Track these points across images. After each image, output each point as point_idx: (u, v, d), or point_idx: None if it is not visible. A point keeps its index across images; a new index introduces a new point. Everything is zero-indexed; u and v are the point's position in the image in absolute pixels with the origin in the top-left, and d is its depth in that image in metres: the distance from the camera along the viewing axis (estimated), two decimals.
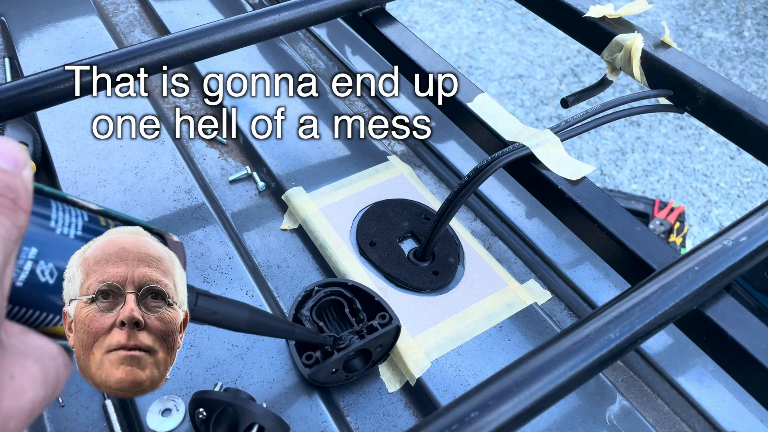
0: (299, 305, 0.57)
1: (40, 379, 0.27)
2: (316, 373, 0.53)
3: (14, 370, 0.26)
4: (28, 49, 0.91)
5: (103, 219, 0.34)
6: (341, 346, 0.53)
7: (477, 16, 3.18)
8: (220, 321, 0.40)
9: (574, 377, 0.40)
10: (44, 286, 0.29)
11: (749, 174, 2.43)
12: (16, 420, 0.26)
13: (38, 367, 0.28)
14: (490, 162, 0.58)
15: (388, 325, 0.55)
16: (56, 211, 0.31)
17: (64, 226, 0.31)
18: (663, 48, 0.68)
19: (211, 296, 0.39)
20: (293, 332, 0.47)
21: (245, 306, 0.41)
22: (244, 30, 0.68)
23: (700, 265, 0.46)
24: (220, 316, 0.39)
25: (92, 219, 0.33)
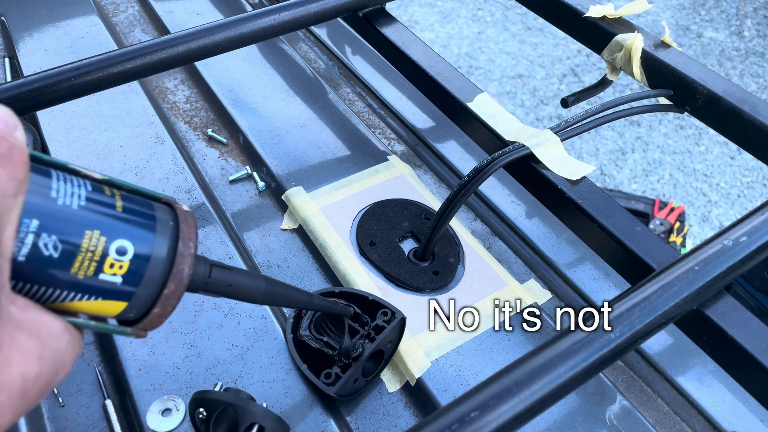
0: (294, 327, 0.57)
1: (34, 354, 0.26)
2: (341, 389, 0.53)
3: (2, 340, 0.25)
4: (28, 49, 0.91)
5: (107, 189, 0.32)
6: (356, 354, 0.53)
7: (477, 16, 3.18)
8: (235, 293, 0.38)
9: (574, 377, 0.40)
10: (48, 260, 0.28)
11: (749, 174, 2.43)
12: (4, 394, 0.25)
13: (33, 342, 0.27)
14: (490, 162, 0.58)
15: (393, 321, 0.55)
16: (57, 180, 0.29)
17: (66, 196, 0.29)
18: (663, 48, 0.68)
19: (226, 267, 0.38)
20: (311, 302, 0.46)
21: (261, 277, 0.40)
22: (244, 30, 0.68)
23: (700, 265, 0.46)
24: (235, 287, 0.38)
25: (96, 188, 0.31)
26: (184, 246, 0.33)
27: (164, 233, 0.33)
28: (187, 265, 0.33)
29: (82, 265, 0.29)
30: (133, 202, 0.33)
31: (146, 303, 0.33)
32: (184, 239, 0.33)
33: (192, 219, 0.35)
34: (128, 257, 0.31)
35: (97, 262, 0.30)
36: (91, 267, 0.29)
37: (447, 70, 0.72)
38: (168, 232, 0.33)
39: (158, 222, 0.33)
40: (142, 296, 0.32)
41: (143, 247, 0.32)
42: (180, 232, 0.34)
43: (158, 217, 0.33)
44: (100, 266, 0.30)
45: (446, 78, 0.71)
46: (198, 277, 0.36)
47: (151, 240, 0.32)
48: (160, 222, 0.33)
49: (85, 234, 0.29)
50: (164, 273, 0.32)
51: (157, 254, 0.32)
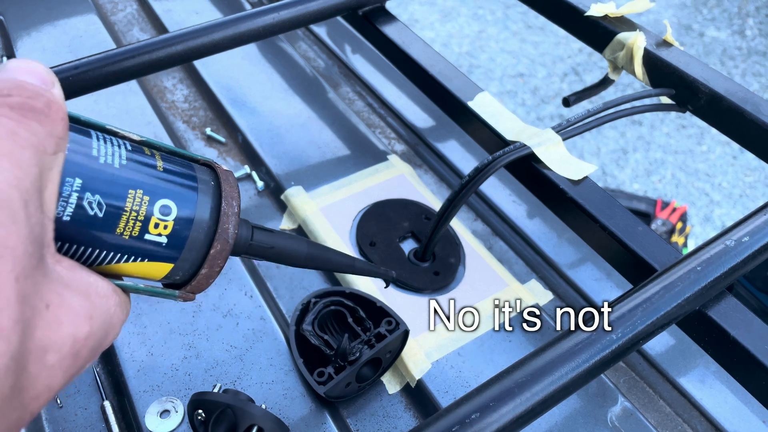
0: (299, 320, 0.57)
1: (83, 314, 0.26)
2: (331, 390, 0.52)
3: (51, 299, 0.24)
4: (26, 48, 0.91)
5: (147, 149, 0.32)
6: (352, 358, 0.52)
7: (478, 15, 3.18)
8: (277, 255, 0.37)
9: (575, 378, 0.40)
10: (93, 220, 0.27)
11: (752, 173, 2.43)
12: (55, 354, 0.24)
13: (81, 302, 0.26)
14: (490, 161, 0.58)
15: (395, 331, 0.54)
16: (96, 140, 0.29)
17: (107, 155, 0.29)
18: (665, 47, 0.68)
19: (267, 230, 0.37)
20: (353, 266, 0.43)
21: (303, 239, 0.39)
22: (243, 29, 0.68)
23: (703, 266, 0.46)
24: (277, 250, 0.37)
25: (136, 148, 0.31)
26: (227, 205, 0.33)
27: (206, 192, 0.32)
28: (232, 224, 0.33)
29: (128, 225, 0.29)
30: (173, 163, 0.32)
31: (192, 264, 0.32)
32: (227, 198, 0.33)
33: (233, 178, 0.34)
34: (172, 217, 0.30)
35: (142, 221, 0.29)
36: (136, 227, 0.29)
37: (447, 68, 0.72)
38: (210, 191, 0.33)
39: (199, 182, 0.33)
40: (188, 257, 0.32)
41: (187, 207, 0.31)
42: (222, 191, 0.33)
43: (199, 177, 0.33)
44: (145, 226, 0.29)
45: (447, 77, 0.70)
46: (241, 238, 0.35)
47: (193, 199, 0.32)
48: (202, 182, 0.33)
49: (128, 193, 0.29)
50: (209, 232, 0.32)
51: (200, 213, 0.32)
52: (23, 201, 0.23)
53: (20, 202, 0.23)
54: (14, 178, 0.23)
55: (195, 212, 0.31)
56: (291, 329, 0.57)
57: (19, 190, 0.23)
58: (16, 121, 0.24)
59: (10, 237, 0.22)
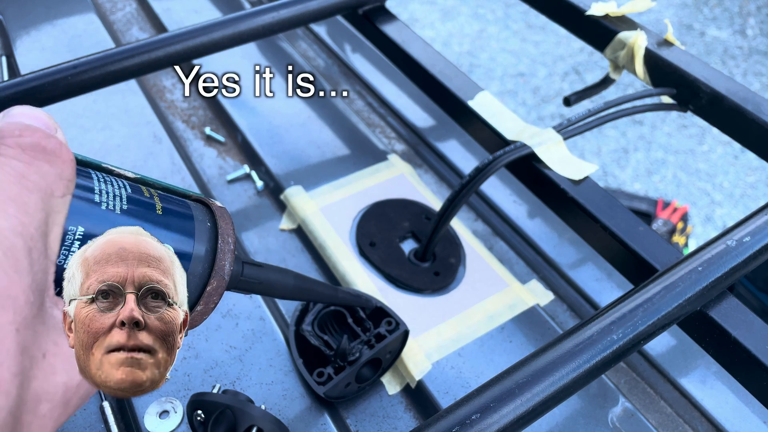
0: (298, 320, 0.57)
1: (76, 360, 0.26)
2: (331, 390, 0.52)
3: (47, 347, 0.24)
4: (24, 47, 0.90)
5: (144, 189, 0.32)
6: (352, 358, 0.52)
7: (478, 14, 3.17)
8: (265, 290, 0.38)
9: (576, 379, 0.39)
10: None
11: (753, 173, 2.42)
12: (48, 404, 0.24)
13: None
14: (491, 161, 0.58)
15: (395, 331, 0.54)
16: (98, 182, 0.29)
17: (108, 200, 0.29)
18: (666, 46, 0.68)
19: (257, 264, 0.38)
20: (336, 297, 0.46)
21: (290, 273, 0.40)
22: (243, 28, 0.67)
23: (704, 266, 0.46)
24: (265, 285, 0.38)
25: (135, 189, 0.31)
26: (223, 242, 0.33)
27: (203, 232, 0.33)
28: (228, 261, 0.33)
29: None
30: (170, 203, 0.33)
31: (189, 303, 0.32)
32: (223, 236, 0.34)
33: (227, 215, 0.35)
34: None
35: None
36: None
37: (448, 68, 0.71)
38: (206, 230, 0.33)
39: (196, 221, 0.33)
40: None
41: (184, 248, 0.32)
42: (218, 228, 0.34)
43: (195, 217, 0.33)
44: None
45: (447, 76, 0.70)
46: (234, 274, 0.36)
47: (191, 240, 0.32)
48: (198, 221, 0.33)
49: None
50: (205, 271, 0.33)
51: (197, 253, 0.32)
52: (27, 248, 0.22)
53: (24, 250, 0.22)
54: (20, 225, 0.22)
55: (192, 252, 0.32)
56: (290, 329, 0.57)
57: (23, 237, 0.22)
58: (26, 163, 0.24)
59: (12, 287, 0.22)
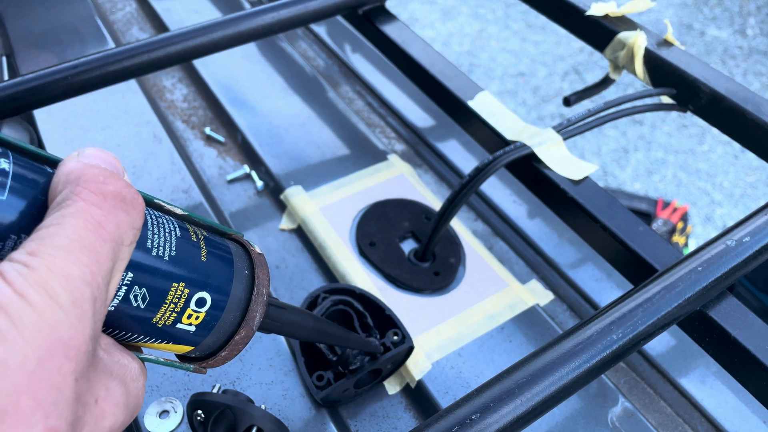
0: None
1: (122, 403, 0.26)
2: (328, 395, 0.52)
3: (99, 393, 0.24)
4: (24, 48, 0.90)
5: (192, 231, 0.31)
6: (353, 367, 0.51)
7: (478, 14, 3.17)
8: (286, 330, 0.38)
9: (576, 379, 0.39)
10: (134, 310, 0.27)
11: (753, 173, 2.42)
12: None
13: (122, 390, 0.26)
14: (491, 161, 0.58)
15: (401, 345, 0.53)
16: (151, 222, 0.28)
17: (159, 245, 0.28)
18: (666, 46, 0.68)
19: (280, 306, 0.37)
20: (349, 339, 0.46)
21: (310, 315, 0.40)
22: (243, 28, 0.67)
23: (704, 266, 0.46)
24: (287, 326, 0.38)
25: (183, 231, 0.30)
26: (257, 294, 0.33)
27: (241, 282, 0.33)
28: (259, 313, 0.33)
29: (164, 316, 0.29)
30: (214, 248, 0.32)
31: (213, 347, 0.32)
32: (259, 287, 0.33)
33: (265, 263, 0.35)
34: (205, 309, 0.31)
35: (178, 313, 0.29)
36: (171, 318, 0.29)
37: (447, 68, 0.71)
38: (244, 281, 0.33)
39: (236, 270, 0.33)
40: (210, 342, 0.32)
41: (221, 299, 0.31)
42: (255, 278, 0.33)
43: (236, 265, 0.33)
44: (180, 317, 0.30)
45: (447, 76, 0.70)
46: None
47: (228, 291, 0.32)
48: (237, 270, 0.33)
49: (172, 286, 0.29)
50: (236, 319, 0.32)
51: (232, 305, 0.32)
52: (93, 298, 0.22)
53: (90, 300, 0.22)
54: (90, 274, 0.22)
55: (227, 304, 0.32)
56: None
57: (91, 287, 0.22)
58: (105, 211, 0.24)
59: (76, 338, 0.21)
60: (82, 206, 0.23)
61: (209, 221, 0.34)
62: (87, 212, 0.23)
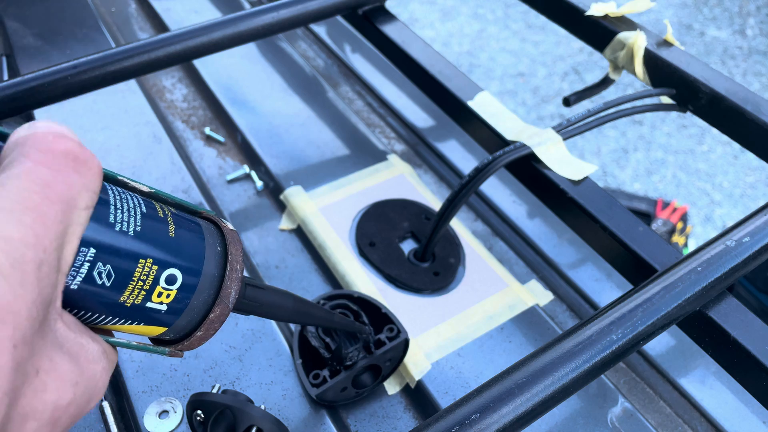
0: None
1: (69, 380, 0.25)
2: (324, 393, 0.52)
3: (42, 364, 0.23)
4: (24, 47, 0.90)
5: (159, 207, 0.30)
6: (348, 363, 0.51)
7: (478, 14, 3.17)
8: (265, 312, 0.37)
9: (575, 379, 0.39)
10: (99, 288, 0.26)
11: (752, 173, 2.42)
12: (34, 423, 0.23)
13: (70, 367, 0.25)
14: (491, 161, 0.58)
15: (395, 339, 0.53)
16: (113, 199, 0.27)
17: (123, 220, 0.27)
18: (665, 46, 0.68)
19: (258, 286, 0.36)
20: (332, 320, 0.45)
21: (290, 295, 0.39)
22: (243, 28, 0.67)
23: (703, 266, 0.46)
24: (265, 307, 0.37)
25: (149, 207, 0.29)
26: (232, 270, 0.32)
27: (213, 259, 0.31)
28: (234, 289, 0.32)
29: (132, 294, 0.28)
30: (182, 224, 0.31)
31: (188, 327, 0.31)
32: (233, 263, 0.32)
33: (238, 239, 0.33)
34: (176, 286, 0.29)
35: (147, 291, 0.28)
36: (139, 296, 0.28)
37: (447, 68, 0.71)
38: (216, 257, 0.32)
39: (207, 246, 0.32)
40: (185, 322, 0.31)
41: (192, 276, 0.30)
42: (228, 254, 0.32)
43: (207, 241, 0.32)
44: (149, 295, 0.29)
45: (446, 76, 0.70)
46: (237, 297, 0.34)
47: (200, 267, 0.31)
48: (209, 246, 0.32)
49: (138, 263, 0.28)
50: (210, 297, 0.31)
51: (204, 282, 0.31)
52: (38, 262, 0.21)
53: (34, 263, 0.21)
54: (33, 236, 0.21)
55: (199, 281, 0.31)
56: (296, 328, 0.57)
57: (35, 250, 0.21)
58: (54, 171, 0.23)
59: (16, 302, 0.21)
60: (28, 167, 0.22)
61: (178, 199, 0.32)
62: (33, 173, 0.22)
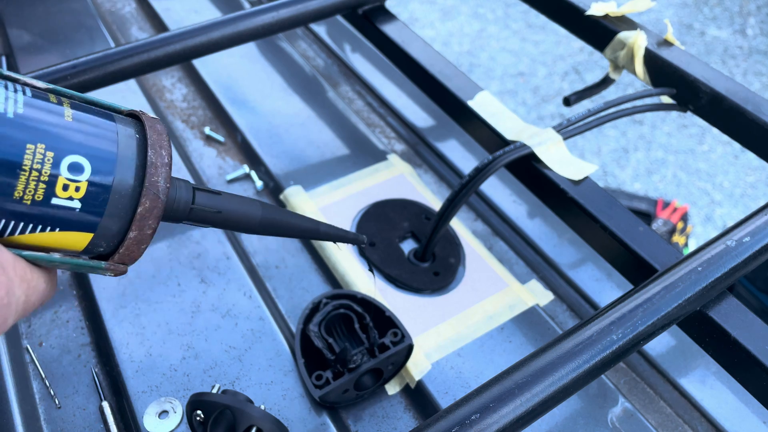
0: (307, 319, 0.57)
1: None
2: (326, 395, 0.52)
3: None
4: (24, 47, 0.90)
5: (54, 98, 0.26)
6: (352, 366, 0.52)
7: (478, 14, 3.17)
8: (226, 221, 0.32)
9: (576, 379, 0.39)
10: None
11: (753, 173, 2.42)
12: None
13: None
14: (491, 161, 0.58)
15: (400, 344, 0.53)
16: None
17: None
18: (666, 46, 0.68)
19: (214, 192, 0.32)
20: (318, 231, 0.37)
21: (257, 202, 0.34)
22: (242, 27, 0.67)
23: (704, 266, 0.46)
24: (226, 214, 0.32)
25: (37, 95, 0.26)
26: (155, 154, 0.27)
27: (128, 144, 0.27)
28: (162, 176, 0.27)
29: (28, 188, 0.24)
30: (86, 111, 0.27)
31: (118, 230, 0.27)
32: (154, 147, 0.27)
33: (161, 126, 0.29)
34: (86, 176, 0.25)
35: (46, 183, 0.25)
36: (39, 190, 0.24)
37: (447, 68, 0.71)
38: (132, 142, 0.27)
39: (119, 132, 0.27)
40: (111, 223, 0.27)
41: (103, 162, 0.26)
42: (148, 139, 0.28)
43: (119, 126, 0.27)
44: (51, 188, 0.25)
45: (447, 76, 0.70)
46: (180, 200, 0.30)
47: (112, 152, 0.26)
48: (122, 131, 0.27)
49: (26, 148, 0.24)
50: (135, 190, 0.27)
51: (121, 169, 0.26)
52: None
53: None
54: None
55: (114, 168, 0.26)
56: (298, 327, 0.57)
57: None
58: None
59: None
60: None
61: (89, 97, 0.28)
62: None
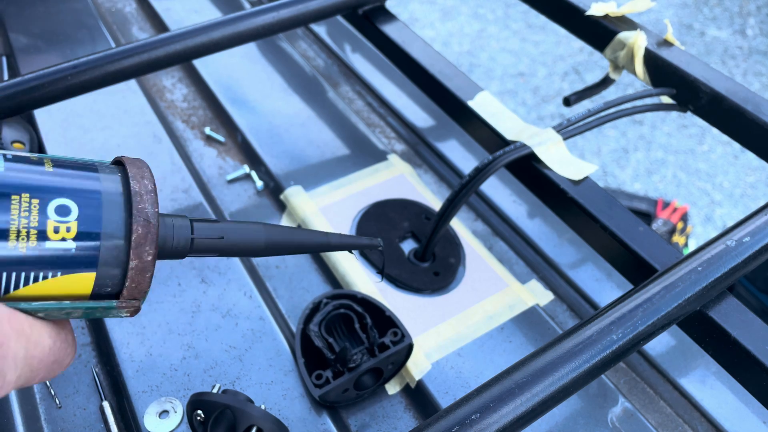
0: (307, 319, 0.57)
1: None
2: (326, 394, 0.52)
3: None
4: (24, 47, 0.90)
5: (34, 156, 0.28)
6: (352, 365, 0.52)
7: (478, 14, 3.17)
8: (231, 247, 0.32)
9: (576, 379, 0.39)
10: None
11: (753, 173, 2.42)
12: None
13: None
14: (491, 161, 0.58)
15: (400, 343, 0.53)
16: None
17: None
18: (666, 46, 0.68)
19: (212, 221, 0.33)
20: (329, 243, 0.37)
21: (259, 225, 0.34)
22: (243, 27, 0.67)
23: (704, 266, 0.46)
24: (229, 241, 0.32)
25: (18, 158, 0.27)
26: (137, 184, 0.29)
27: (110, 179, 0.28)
28: (148, 203, 0.28)
29: (20, 236, 0.25)
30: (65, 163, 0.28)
31: (119, 264, 0.28)
32: (136, 177, 0.29)
33: (141, 161, 0.30)
34: (74, 216, 0.27)
35: (38, 228, 0.26)
36: (31, 236, 0.25)
37: (447, 68, 0.71)
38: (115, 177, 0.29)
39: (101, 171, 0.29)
40: (110, 257, 0.28)
41: (89, 201, 0.27)
42: (129, 173, 0.29)
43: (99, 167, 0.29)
44: (43, 233, 0.26)
45: (447, 76, 0.70)
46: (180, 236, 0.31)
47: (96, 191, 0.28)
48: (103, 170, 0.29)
49: (11, 200, 0.25)
50: (125, 221, 0.28)
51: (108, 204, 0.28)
52: None
53: None
54: None
55: (101, 204, 0.28)
56: (298, 327, 0.57)
57: None
58: None
59: None
60: None
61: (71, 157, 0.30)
62: None
